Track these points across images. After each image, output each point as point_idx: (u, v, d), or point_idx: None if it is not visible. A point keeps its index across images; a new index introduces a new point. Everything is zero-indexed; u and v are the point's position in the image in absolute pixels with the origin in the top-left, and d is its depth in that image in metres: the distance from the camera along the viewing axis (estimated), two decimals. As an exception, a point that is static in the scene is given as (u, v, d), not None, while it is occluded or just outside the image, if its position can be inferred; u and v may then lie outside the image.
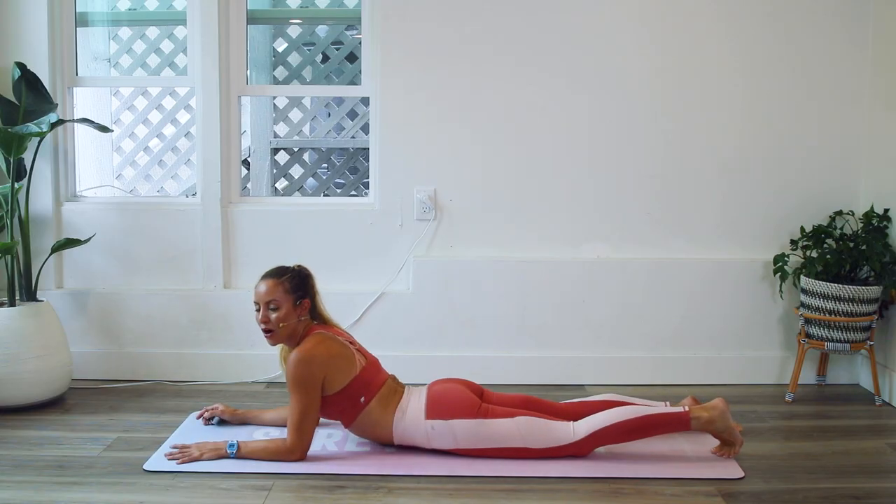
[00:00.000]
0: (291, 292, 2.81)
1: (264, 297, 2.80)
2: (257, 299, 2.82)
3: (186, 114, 5.66)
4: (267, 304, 2.80)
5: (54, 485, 2.59)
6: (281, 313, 2.79)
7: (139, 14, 5.10)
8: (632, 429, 2.76)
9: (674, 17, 3.66)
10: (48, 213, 3.71)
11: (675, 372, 3.75)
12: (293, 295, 2.82)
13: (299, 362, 2.72)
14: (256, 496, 2.52)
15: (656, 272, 3.73)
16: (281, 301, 2.79)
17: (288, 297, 2.80)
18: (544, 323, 3.73)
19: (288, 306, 2.80)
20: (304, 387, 2.72)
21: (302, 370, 2.72)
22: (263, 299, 2.80)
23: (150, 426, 3.14)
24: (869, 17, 3.67)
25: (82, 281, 3.78)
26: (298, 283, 2.85)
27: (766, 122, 3.72)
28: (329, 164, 6.26)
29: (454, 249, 3.77)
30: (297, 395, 2.72)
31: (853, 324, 3.40)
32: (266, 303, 2.80)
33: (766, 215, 3.76)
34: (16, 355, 3.23)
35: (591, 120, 3.70)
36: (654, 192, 3.74)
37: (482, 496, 2.54)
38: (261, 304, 2.81)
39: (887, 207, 3.53)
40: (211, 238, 3.74)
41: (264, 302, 2.80)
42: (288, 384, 2.75)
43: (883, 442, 3.04)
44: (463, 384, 2.91)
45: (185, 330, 3.74)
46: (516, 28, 3.65)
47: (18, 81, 3.49)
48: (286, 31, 5.86)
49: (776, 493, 2.58)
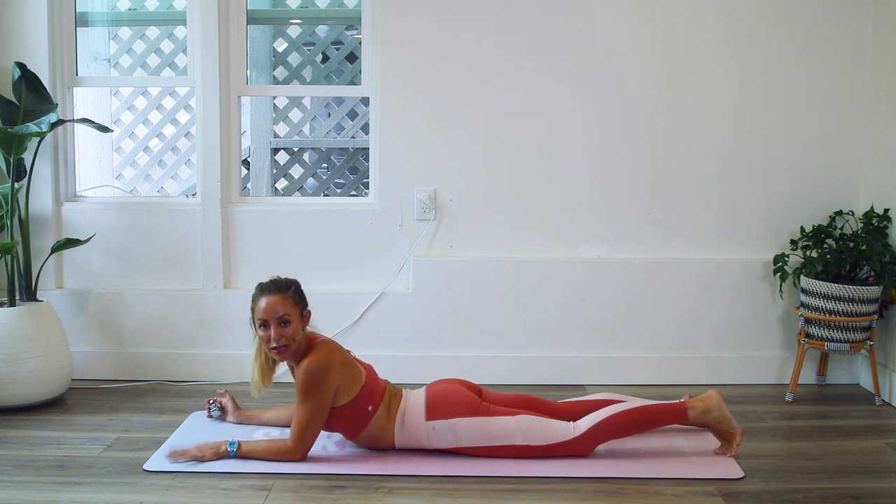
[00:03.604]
0: (298, 304, 2.75)
1: (276, 312, 2.68)
2: (266, 317, 2.68)
3: (186, 114, 5.66)
4: (279, 319, 2.68)
5: (54, 485, 2.60)
6: (292, 327, 2.70)
7: (139, 14, 5.10)
8: (630, 422, 2.77)
9: (673, 17, 3.66)
10: (48, 213, 3.71)
11: (676, 372, 3.75)
12: (299, 307, 2.76)
13: (318, 371, 2.67)
14: (256, 496, 2.52)
15: (656, 272, 3.73)
16: (292, 314, 2.71)
17: (296, 309, 2.73)
18: (544, 323, 3.73)
19: (297, 319, 2.73)
20: (318, 394, 2.67)
21: (319, 378, 2.67)
22: (275, 315, 2.68)
23: (150, 426, 3.14)
24: (869, 17, 3.67)
25: (82, 281, 3.78)
26: (301, 294, 2.79)
27: (766, 122, 3.72)
28: (329, 164, 6.26)
29: (454, 249, 3.77)
30: (309, 402, 2.68)
31: (853, 324, 3.40)
32: (278, 318, 2.68)
33: (766, 215, 3.76)
34: (16, 355, 3.23)
35: (591, 120, 3.70)
36: (654, 191, 3.74)
37: (482, 496, 2.54)
38: (271, 321, 2.68)
39: (887, 207, 3.53)
40: (211, 238, 3.74)
41: (276, 318, 2.68)
42: (300, 391, 2.68)
43: (883, 442, 3.04)
44: (462, 384, 2.91)
45: (185, 330, 3.74)
46: (516, 28, 3.65)
47: (18, 81, 3.49)
48: (286, 31, 5.86)
49: (776, 493, 2.58)
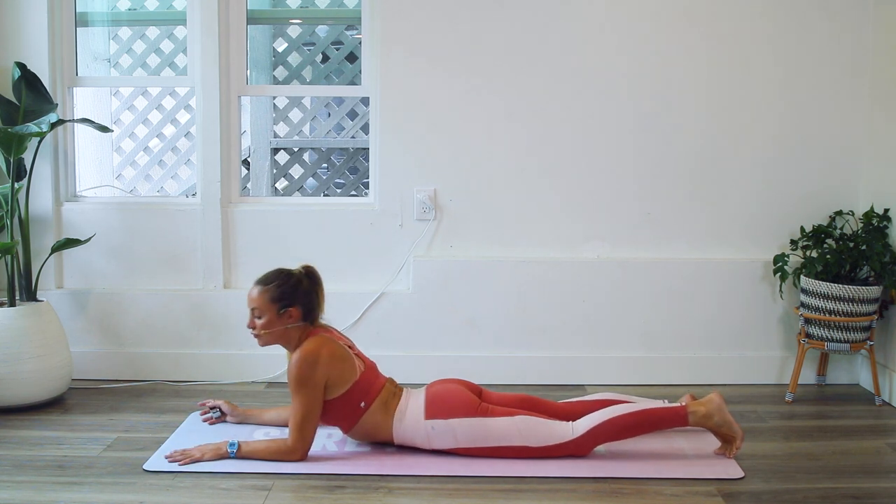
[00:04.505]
0: (275, 301, 2.79)
1: (249, 303, 2.83)
2: (247, 304, 2.84)
3: (186, 114, 5.66)
4: (252, 310, 2.82)
5: (54, 485, 2.59)
6: (264, 321, 2.80)
7: (139, 14, 5.10)
8: (630, 425, 2.76)
9: (673, 17, 3.66)
10: (48, 213, 3.71)
11: (675, 372, 3.75)
12: (277, 304, 2.79)
13: (302, 362, 2.72)
14: (256, 496, 2.52)
15: (656, 272, 3.73)
16: (263, 309, 2.79)
17: (271, 305, 2.79)
18: (544, 323, 3.73)
19: (271, 315, 2.79)
20: (306, 387, 2.71)
21: (305, 370, 2.71)
22: (249, 305, 2.83)
23: (150, 426, 3.14)
24: (869, 18, 3.67)
25: (82, 281, 3.78)
26: (285, 292, 2.80)
27: (766, 122, 3.71)
28: (329, 164, 6.26)
29: (454, 249, 3.77)
30: (300, 396, 2.72)
31: (853, 324, 3.40)
32: (251, 309, 2.82)
33: (766, 215, 3.76)
34: (16, 355, 3.23)
35: (591, 119, 3.70)
36: (654, 192, 3.74)
37: (482, 496, 2.54)
38: (249, 309, 2.84)
39: (887, 207, 3.53)
40: (211, 238, 3.74)
41: (250, 308, 2.83)
42: (290, 385, 2.74)
43: (883, 442, 3.04)
44: (462, 384, 2.91)
45: (185, 330, 3.74)
46: (517, 28, 3.65)
47: (18, 81, 3.49)
48: (286, 31, 5.86)
49: (776, 493, 2.58)
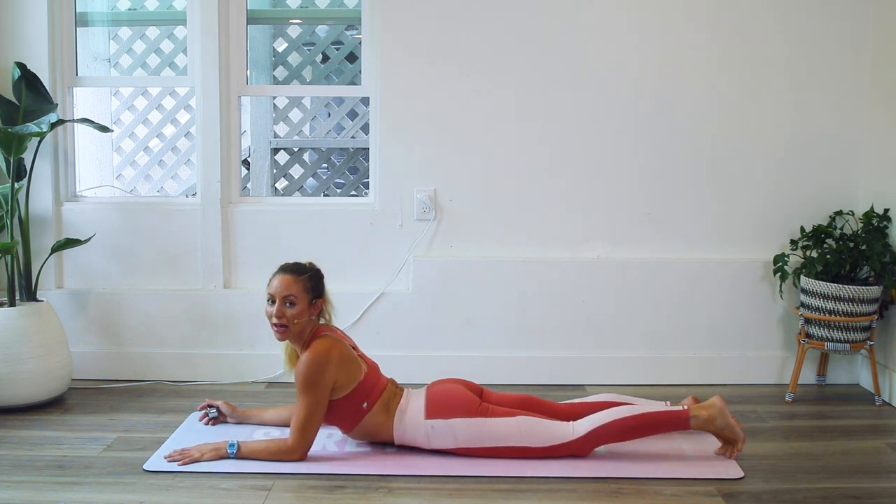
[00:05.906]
0: (309, 291, 2.79)
1: (283, 291, 2.75)
2: (273, 292, 2.76)
3: (186, 114, 5.66)
4: (284, 298, 2.75)
5: (54, 485, 2.59)
6: (296, 310, 2.75)
7: (139, 14, 5.10)
8: (631, 427, 2.75)
9: (672, 17, 3.66)
10: (48, 213, 3.71)
11: (676, 372, 3.75)
12: (310, 294, 2.79)
13: (314, 363, 2.70)
14: (256, 496, 2.52)
15: (656, 272, 3.72)
16: (298, 298, 2.76)
17: (305, 295, 2.78)
18: (544, 323, 3.73)
19: (304, 304, 2.77)
20: (314, 388, 2.69)
21: (315, 371, 2.69)
22: (281, 293, 2.75)
23: (150, 426, 3.14)
24: (869, 18, 3.67)
25: (82, 281, 3.78)
26: (316, 283, 2.83)
27: (766, 122, 3.71)
28: (329, 164, 6.26)
29: (454, 249, 3.77)
30: (307, 396, 2.70)
31: (853, 324, 3.40)
32: (283, 297, 2.75)
33: (766, 215, 3.76)
34: (16, 355, 3.23)
35: (591, 119, 3.70)
36: (654, 192, 3.74)
37: (482, 496, 2.54)
38: (277, 298, 2.76)
39: (887, 207, 3.53)
40: (211, 238, 3.74)
41: (282, 296, 2.75)
42: (298, 384, 2.71)
43: (883, 442, 3.04)
44: (462, 384, 2.91)
45: (185, 330, 3.74)
46: (517, 28, 3.65)
47: (18, 81, 3.49)
48: (286, 31, 5.86)
49: (776, 493, 2.58)
